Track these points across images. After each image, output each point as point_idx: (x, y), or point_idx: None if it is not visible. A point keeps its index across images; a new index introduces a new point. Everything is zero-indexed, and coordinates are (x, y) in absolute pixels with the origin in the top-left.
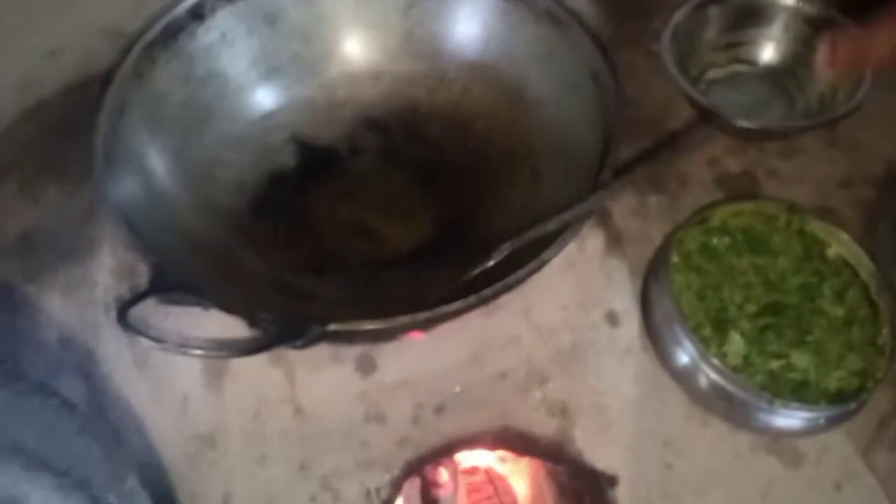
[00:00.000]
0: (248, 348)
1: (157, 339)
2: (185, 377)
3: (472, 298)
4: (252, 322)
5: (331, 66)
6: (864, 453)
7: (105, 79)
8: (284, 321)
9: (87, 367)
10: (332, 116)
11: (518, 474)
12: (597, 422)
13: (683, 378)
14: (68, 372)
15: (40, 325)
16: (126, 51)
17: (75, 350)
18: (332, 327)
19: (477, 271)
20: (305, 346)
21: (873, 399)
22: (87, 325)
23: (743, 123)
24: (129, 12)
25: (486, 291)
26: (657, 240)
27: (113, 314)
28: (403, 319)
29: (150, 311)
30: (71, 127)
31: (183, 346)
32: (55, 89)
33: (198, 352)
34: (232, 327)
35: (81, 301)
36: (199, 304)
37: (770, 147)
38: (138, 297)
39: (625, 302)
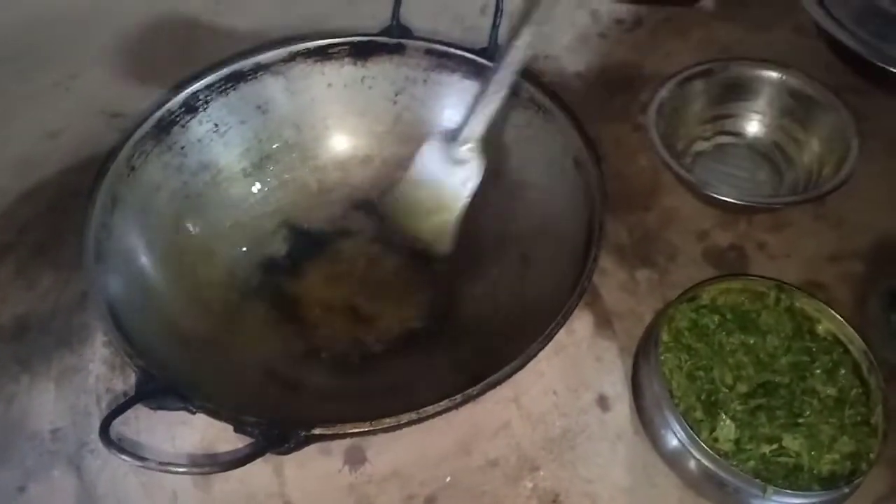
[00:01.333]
0: (233, 462)
1: (139, 457)
2: (176, 474)
3: (458, 398)
4: (237, 427)
5: (321, 151)
6: None
7: (98, 172)
8: (269, 426)
9: (78, 459)
10: (323, 200)
11: None
12: None
13: (675, 462)
14: (60, 464)
15: (33, 415)
16: (120, 143)
17: (67, 441)
18: (317, 431)
19: None
20: (290, 451)
21: (867, 481)
22: (79, 415)
23: (730, 199)
24: (127, 93)
25: (472, 390)
26: (647, 317)
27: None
28: (388, 421)
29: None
30: (68, 209)
31: (165, 464)
32: (54, 170)
33: (180, 470)
34: (218, 429)
35: (74, 390)
36: (185, 408)
37: (758, 220)
38: (123, 407)
39: (615, 384)
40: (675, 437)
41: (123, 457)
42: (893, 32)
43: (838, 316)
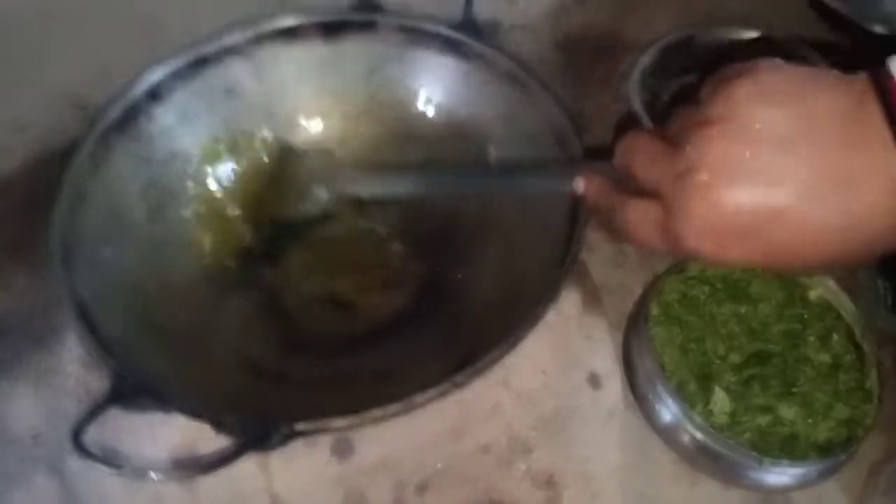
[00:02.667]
0: (214, 463)
1: (114, 465)
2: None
3: (445, 385)
4: (217, 427)
5: (295, 134)
6: (858, 502)
7: (61, 166)
8: (250, 424)
9: (59, 463)
10: None
11: None
12: (584, 491)
13: (670, 437)
14: (41, 469)
15: (12, 420)
16: (83, 135)
17: (48, 445)
18: (301, 427)
19: None
20: (274, 448)
21: (863, 446)
22: (60, 419)
23: None
24: (93, 82)
25: (460, 377)
26: (636, 291)
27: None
28: (374, 413)
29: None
30: (39, 203)
31: (141, 469)
32: (22, 164)
33: (157, 475)
34: (199, 429)
35: (54, 393)
36: (162, 409)
37: None
38: (95, 412)
39: (606, 361)
40: (668, 412)
41: (97, 464)
42: None
43: (830, 281)
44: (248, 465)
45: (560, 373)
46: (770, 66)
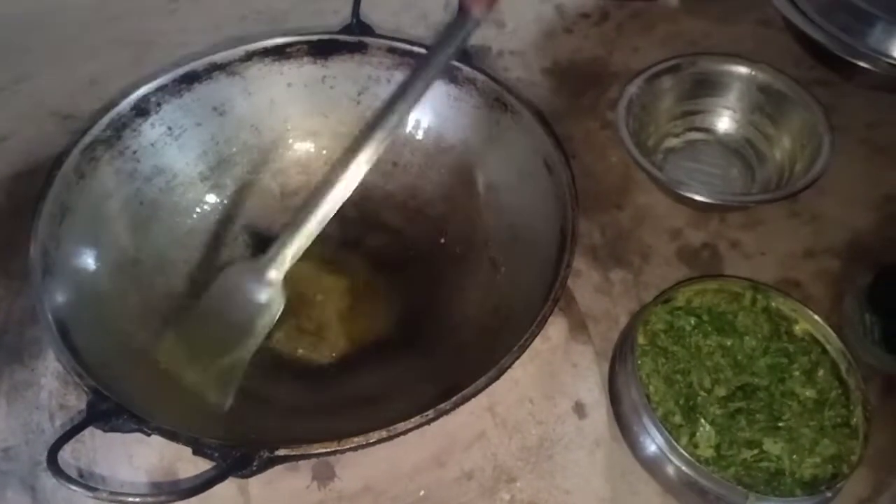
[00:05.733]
0: (192, 489)
1: (89, 487)
2: None
3: (431, 413)
4: (196, 450)
5: (282, 153)
6: None
7: (45, 180)
8: (231, 448)
9: (32, 479)
10: (285, 204)
11: None
12: None
13: (655, 469)
14: (13, 484)
15: None
16: (68, 148)
17: (20, 460)
18: (282, 452)
19: None
20: (254, 474)
21: (849, 483)
22: (32, 433)
23: (701, 198)
24: (79, 95)
25: (445, 405)
26: (622, 319)
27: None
28: (356, 440)
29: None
30: (20, 215)
31: (117, 494)
32: (4, 175)
33: (135, 500)
34: (177, 450)
35: (26, 406)
36: (140, 430)
37: (731, 218)
38: (72, 432)
39: (592, 390)
40: (653, 444)
41: (73, 487)
42: (860, 25)
43: (815, 315)
44: (228, 488)
45: (546, 401)
46: None
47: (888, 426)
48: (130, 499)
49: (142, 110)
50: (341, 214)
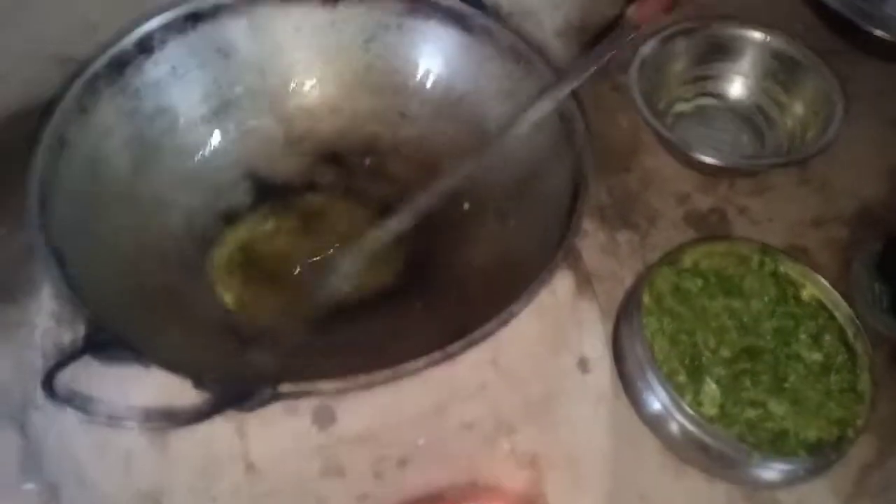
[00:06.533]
0: (190, 417)
1: (84, 410)
2: (129, 430)
3: (437, 355)
4: (197, 382)
5: (287, 99)
6: None
7: (45, 112)
8: (231, 381)
9: (23, 417)
10: (289, 152)
11: None
12: (568, 475)
13: (657, 426)
14: (3, 421)
15: None
16: (68, 83)
17: (10, 398)
18: (285, 388)
19: None
20: (254, 408)
21: (854, 447)
22: (24, 372)
23: (711, 161)
24: (79, 37)
25: (452, 347)
26: (628, 280)
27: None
28: (362, 378)
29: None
30: (15, 157)
31: (115, 417)
32: (2, 114)
33: (131, 424)
34: (176, 386)
35: (18, 345)
36: (138, 361)
37: (740, 184)
38: (69, 358)
39: (596, 347)
40: (657, 401)
41: (69, 408)
42: None
43: (823, 281)
44: (224, 428)
45: (550, 355)
46: None
47: (895, 393)
48: (127, 423)
49: (145, 47)
50: (345, 161)
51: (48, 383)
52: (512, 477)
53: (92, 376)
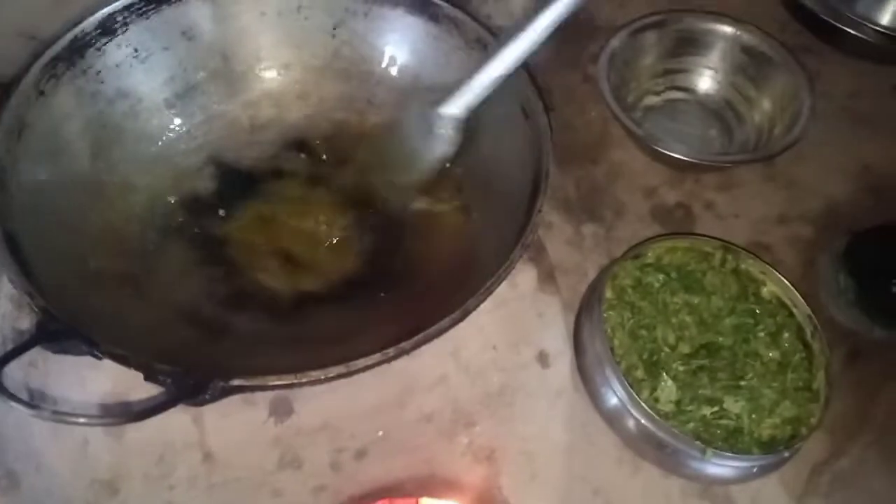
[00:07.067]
0: (141, 412)
1: (31, 406)
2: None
3: (391, 351)
4: (148, 375)
5: (253, 84)
6: (797, 501)
7: (3, 95)
8: (183, 375)
9: None
10: (254, 138)
11: None
12: (525, 469)
13: (614, 421)
14: None
15: None
16: (27, 66)
17: None
18: (237, 382)
19: None
20: (207, 402)
21: (807, 445)
22: None
23: (678, 155)
24: (44, 14)
25: (406, 344)
26: (591, 273)
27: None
28: (314, 374)
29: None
30: None
31: (61, 413)
32: None
33: (80, 420)
34: (132, 376)
35: None
36: (90, 353)
37: (707, 179)
38: (19, 350)
39: (557, 340)
40: (615, 396)
41: (13, 404)
42: None
43: (784, 279)
44: (181, 418)
45: (510, 349)
46: None
47: (849, 393)
48: (75, 419)
49: (107, 29)
50: (311, 148)
51: None
52: (469, 471)
53: (47, 367)
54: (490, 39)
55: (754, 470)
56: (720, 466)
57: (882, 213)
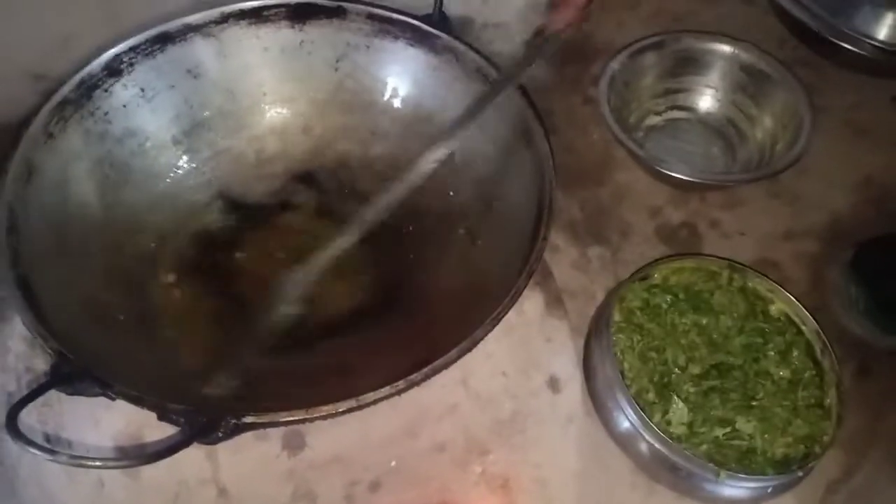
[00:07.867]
0: (155, 454)
1: (48, 451)
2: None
3: (402, 383)
4: (161, 415)
5: (258, 119)
6: None
7: (13, 139)
8: (196, 414)
9: None
10: (261, 172)
11: None
12: (539, 496)
13: (627, 445)
14: None
15: None
16: (36, 109)
17: None
18: (248, 419)
19: None
20: (220, 440)
21: (821, 463)
22: None
23: (682, 176)
24: (53, 54)
25: (416, 376)
26: (599, 296)
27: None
28: (325, 409)
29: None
30: None
31: (77, 457)
32: None
33: (95, 464)
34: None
35: None
36: (104, 394)
37: (711, 197)
38: (34, 394)
39: (566, 365)
40: (626, 420)
41: (31, 450)
42: (844, 6)
43: (791, 296)
44: (195, 455)
45: (520, 375)
46: None
47: (861, 409)
48: (90, 462)
49: (114, 70)
50: (317, 180)
51: (12, 422)
52: (484, 499)
53: (62, 407)
54: (489, 69)
55: (769, 490)
56: (734, 488)
57: (885, 224)
